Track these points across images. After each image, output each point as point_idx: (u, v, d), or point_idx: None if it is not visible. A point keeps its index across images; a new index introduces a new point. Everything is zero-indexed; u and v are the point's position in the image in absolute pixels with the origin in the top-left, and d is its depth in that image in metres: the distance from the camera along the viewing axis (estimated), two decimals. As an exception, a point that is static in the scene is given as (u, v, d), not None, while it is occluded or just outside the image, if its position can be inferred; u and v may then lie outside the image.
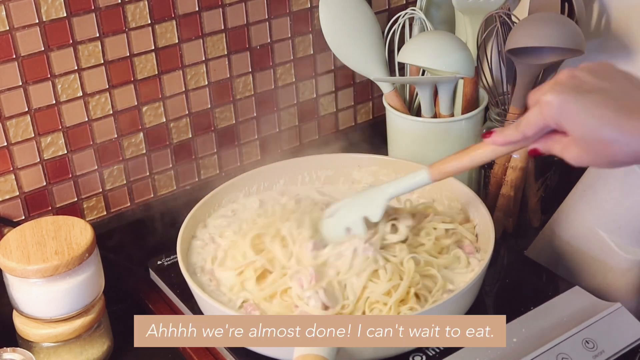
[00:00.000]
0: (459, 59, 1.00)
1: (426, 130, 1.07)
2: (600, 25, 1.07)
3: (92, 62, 0.96)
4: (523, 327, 0.84)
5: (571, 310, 0.86)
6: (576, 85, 0.67)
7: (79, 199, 1.01)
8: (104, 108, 0.99)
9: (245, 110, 1.11)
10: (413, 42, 1.05)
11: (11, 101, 0.92)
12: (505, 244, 1.01)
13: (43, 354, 0.88)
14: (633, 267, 0.92)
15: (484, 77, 1.05)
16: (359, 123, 1.24)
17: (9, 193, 0.96)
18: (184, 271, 0.86)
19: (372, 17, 1.08)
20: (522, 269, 0.97)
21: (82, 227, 0.88)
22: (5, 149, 0.94)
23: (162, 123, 1.04)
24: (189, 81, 1.04)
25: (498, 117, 1.03)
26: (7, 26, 0.89)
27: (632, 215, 0.92)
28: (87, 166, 1.00)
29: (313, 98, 1.17)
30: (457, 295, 0.80)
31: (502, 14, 1.01)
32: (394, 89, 1.10)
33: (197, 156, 1.09)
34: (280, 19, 1.09)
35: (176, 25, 1.00)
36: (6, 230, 0.95)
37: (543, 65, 0.98)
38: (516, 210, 1.07)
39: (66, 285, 0.85)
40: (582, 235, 0.96)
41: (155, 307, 0.97)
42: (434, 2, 1.13)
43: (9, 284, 0.87)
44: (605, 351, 0.82)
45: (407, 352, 0.81)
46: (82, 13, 0.93)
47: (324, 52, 1.14)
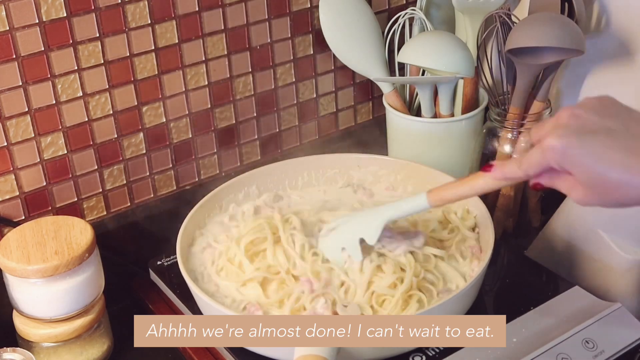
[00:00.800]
0: (459, 59, 1.00)
1: (426, 130, 1.07)
2: (600, 25, 1.07)
3: (92, 62, 0.96)
4: (523, 327, 0.84)
5: (571, 310, 0.86)
6: (579, 126, 0.65)
7: (79, 199, 1.01)
8: (104, 108, 0.99)
9: (245, 110, 1.11)
10: (413, 42, 1.05)
11: (11, 101, 0.92)
12: (505, 244, 1.01)
13: (43, 354, 0.88)
14: (633, 267, 0.92)
15: (484, 77, 1.05)
16: (359, 123, 1.24)
17: (9, 193, 0.96)
18: (183, 271, 0.86)
19: (372, 17, 1.08)
20: (522, 269, 0.97)
21: (82, 227, 0.88)
22: (5, 149, 0.94)
23: (162, 123, 1.04)
24: (189, 81, 1.04)
25: (498, 117, 1.03)
26: (7, 26, 0.89)
27: (632, 215, 0.91)
28: (87, 166, 1.00)
29: (313, 98, 1.17)
30: (457, 295, 0.80)
31: (502, 14, 1.01)
32: (394, 89, 1.10)
33: (197, 156, 1.09)
34: (280, 19, 1.08)
35: (176, 25, 1.00)
36: (6, 230, 0.95)
37: (543, 65, 0.98)
38: (516, 210, 1.07)
39: (66, 285, 0.85)
40: (582, 235, 0.96)
41: (155, 307, 0.97)
42: (434, 2, 1.13)
43: (9, 284, 0.87)
44: (605, 351, 0.82)
45: (407, 352, 0.81)
46: (82, 13, 0.93)
47: (324, 52, 1.14)
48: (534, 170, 0.69)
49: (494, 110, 1.04)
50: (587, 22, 1.06)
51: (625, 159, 0.62)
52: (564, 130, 0.65)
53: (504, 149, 1.04)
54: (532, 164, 0.68)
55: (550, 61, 0.97)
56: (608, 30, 1.06)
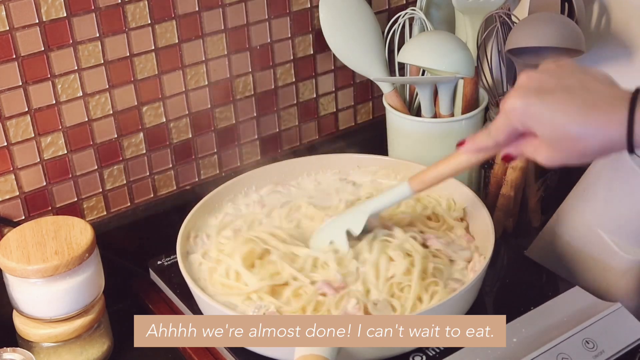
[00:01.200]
0: (459, 59, 1.00)
1: (426, 130, 1.07)
2: (600, 25, 1.07)
3: (92, 62, 0.96)
4: (523, 327, 0.84)
5: (571, 310, 0.86)
6: (538, 87, 0.68)
7: (79, 199, 1.01)
8: (104, 108, 0.99)
9: (245, 110, 1.11)
10: (413, 42, 1.05)
11: (11, 101, 0.92)
12: (505, 244, 1.01)
13: (43, 354, 0.88)
14: (633, 267, 0.92)
15: (484, 77, 1.05)
16: (359, 123, 1.24)
17: (9, 193, 0.96)
18: (183, 271, 0.86)
19: (372, 17, 1.08)
20: (522, 269, 0.97)
21: (82, 227, 0.88)
22: (5, 149, 0.94)
23: (162, 123, 1.04)
24: (189, 81, 1.04)
25: (498, 117, 1.03)
26: (7, 26, 0.89)
27: (632, 215, 0.92)
28: (87, 166, 1.00)
29: (313, 98, 1.17)
30: (457, 295, 0.80)
31: (502, 14, 1.01)
32: (394, 89, 1.10)
33: (197, 156, 1.09)
34: (280, 19, 1.08)
35: (176, 25, 1.00)
36: (6, 230, 0.95)
37: (543, 65, 0.98)
38: (516, 210, 1.07)
39: (66, 285, 0.85)
40: (582, 235, 0.96)
41: (155, 307, 0.97)
42: (434, 2, 1.13)
43: (9, 284, 0.87)
44: (605, 351, 0.82)
45: (407, 352, 0.81)
46: (82, 13, 0.93)
47: (324, 52, 1.14)
48: (502, 135, 0.72)
49: (494, 110, 1.04)
50: (587, 22, 1.06)
51: (583, 112, 0.65)
52: (523, 91, 0.68)
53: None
54: (499, 128, 0.71)
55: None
56: (608, 30, 1.06)
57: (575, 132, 0.65)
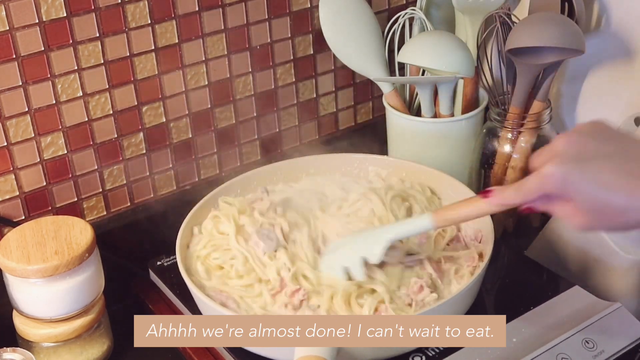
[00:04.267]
0: (459, 59, 1.00)
1: (426, 130, 1.07)
2: (600, 25, 1.07)
3: (92, 62, 0.96)
4: (523, 327, 0.84)
5: (571, 310, 0.86)
6: (577, 153, 0.65)
7: (79, 199, 1.01)
8: (104, 108, 0.99)
9: (245, 110, 1.11)
10: (413, 42, 1.05)
11: (11, 101, 0.92)
12: (505, 243, 1.01)
13: (43, 354, 0.88)
14: (633, 267, 0.92)
15: (484, 77, 1.05)
16: (359, 123, 1.24)
17: (9, 193, 0.96)
18: (183, 271, 0.86)
19: (372, 17, 1.08)
20: (522, 269, 0.97)
21: (82, 227, 0.88)
22: (5, 149, 0.94)
23: (162, 123, 1.04)
24: (189, 81, 1.04)
25: (498, 117, 1.03)
26: (7, 26, 0.89)
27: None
28: (87, 166, 1.00)
29: (313, 98, 1.17)
30: (457, 295, 0.80)
31: (502, 14, 1.01)
32: (394, 89, 1.10)
33: (197, 156, 1.09)
34: (280, 19, 1.08)
35: (176, 25, 1.00)
36: (6, 230, 0.95)
37: (543, 65, 0.98)
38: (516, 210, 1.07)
39: (66, 285, 0.85)
40: (582, 235, 0.96)
41: (155, 307, 0.97)
42: (434, 2, 1.13)
43: (9, 284, 0.87)
44: (605, 351, 0.82)
45: (407, 352, 0.81)
46: (82, 13, 0.93)
47: (324, 52, 1.14)
48: (532, 197, 0.69)
49: (494, 110, 1.04)
50: (587, 22, 1.06)
51: (627, 183, 0.62)
52: (562, 157, 0.65)
53: (504, 149, 1.04)
54: (531, 190, 0.68)
55: (550, 61, 0.97)
56: (608, 30, 1.06)
57: (620, 205, 0.63)
